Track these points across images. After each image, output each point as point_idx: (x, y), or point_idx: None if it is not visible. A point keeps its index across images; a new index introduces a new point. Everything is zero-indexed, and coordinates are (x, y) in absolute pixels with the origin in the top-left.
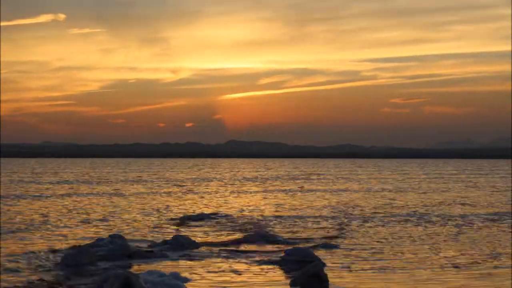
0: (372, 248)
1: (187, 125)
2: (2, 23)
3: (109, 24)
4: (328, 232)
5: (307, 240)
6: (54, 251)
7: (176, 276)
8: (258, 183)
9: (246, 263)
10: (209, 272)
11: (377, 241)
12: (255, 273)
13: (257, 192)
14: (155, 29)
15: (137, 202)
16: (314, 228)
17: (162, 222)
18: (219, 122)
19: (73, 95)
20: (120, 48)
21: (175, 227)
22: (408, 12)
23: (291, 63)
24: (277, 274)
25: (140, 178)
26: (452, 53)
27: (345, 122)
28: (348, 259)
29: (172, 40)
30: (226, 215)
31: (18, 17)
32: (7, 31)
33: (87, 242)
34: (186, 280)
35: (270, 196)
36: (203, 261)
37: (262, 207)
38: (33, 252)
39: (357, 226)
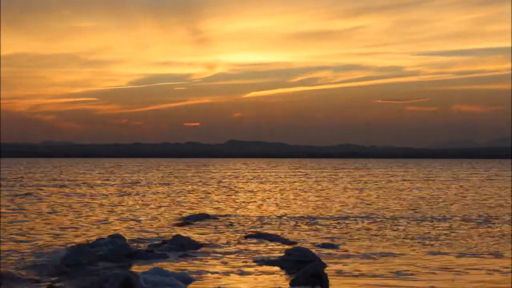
0: (373, 248)
1: (190, 124)
2: (26, 16)
3: (153, 15)
4: (328, 232)
5: (307, 240)
6: (54, 251)
7: (179, 276)
8: (259, 183)
9: (246, 263)
10: (209, 272)
11: (378, 242)
12: (255, 273)
13: (258, 192)
14: (199, 21)
15: (137, 202)
16: (314, 228)
17: (162, 222)
18: (232, 121)
19: (96, 92)
20: (160, 41)
21: (175, 227)
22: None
23: (332, 57)
24: (277, 274)
25: (137, 180)
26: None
27: (347, 122)
28: (348, 259)
29: (213, 32)
30: (227, 215)
31: (52, 8)
32: (36, 22)
33: (87, 242)
34: (188, 280)
35: (271, 196)
36: (203, 261)
37: (263, 207)
38: (32, 251)
39: (358, 226)
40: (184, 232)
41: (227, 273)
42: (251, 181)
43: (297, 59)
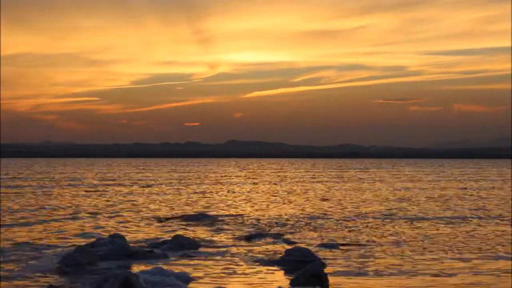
0: (373, 248)
1: (191, 124)
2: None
3: (156, 15)
4: (328, 232)
5: (307, 240)
6: (54, 251)
7: (179, 276)
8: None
9: (246, 263)
10: (209, 272)
11: (378, 242)
12: (255, 273)
13: (258, 191)
14: (202, 20)
15: (137, 202)
16: (314, 228)
17: (162, 222)
18: (233, 121)
19: (99, 91)
20: (163, 41)
21: (175, 227)
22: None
23: (336, 56)
24: (277, 274)
25: (140, 178)
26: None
27: (348, 122)
28: (348, 259)
29: (216, 31)
30: (227, 215)
31: (55, 7)
32: (38, 22)
33: (87, 242)
34: (188, 280)
35: (271, 195)
36: (203, 261)
37: (263, 207)
38: (32, 251)
39: (358, 226)
40: (184, 232)
41: (227, 273)
42: (257, 180)
43: (300, 59)
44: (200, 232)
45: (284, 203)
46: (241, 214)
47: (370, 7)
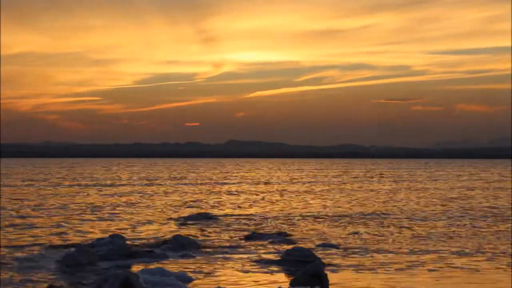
0: (372, 247)
1: (191, 124)
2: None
3: (160, 14)
4: (328, 232)
5: (307, 240)
6: (54, 251)
7: (179, 276)
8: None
9: (246, 263)
10: (209, 272)
11: (377, 241)
12: (255, 273)
13: (258, 191)
14: (206, 19)
15: (137, 202)
16: (314, 228)
17: (162, 222)
18: (234, 121)
19: (101, 91)
20: (167, 40)
21: (175, 227)
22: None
23: (340, 56)
24: (277, 274)
25: (140, 178)
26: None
27: (349, 122)
28: (349, 258)
29: (220, 31)
30: (227, 215)
31: (58, 7)
32: (42, 21)
33: (87, 242)
34: (188, 280)
35: (271, 196)
36: (203, 261)
37: (263, 207)
38: (33, 251)
39: (357, 226)
40: (184, 232)
41: (227, 273)
42: (257, 181)
43: (303, 58)
44: (200, 232)
45: (285, 203)
46: (241, 214)
47: (373, 7)
